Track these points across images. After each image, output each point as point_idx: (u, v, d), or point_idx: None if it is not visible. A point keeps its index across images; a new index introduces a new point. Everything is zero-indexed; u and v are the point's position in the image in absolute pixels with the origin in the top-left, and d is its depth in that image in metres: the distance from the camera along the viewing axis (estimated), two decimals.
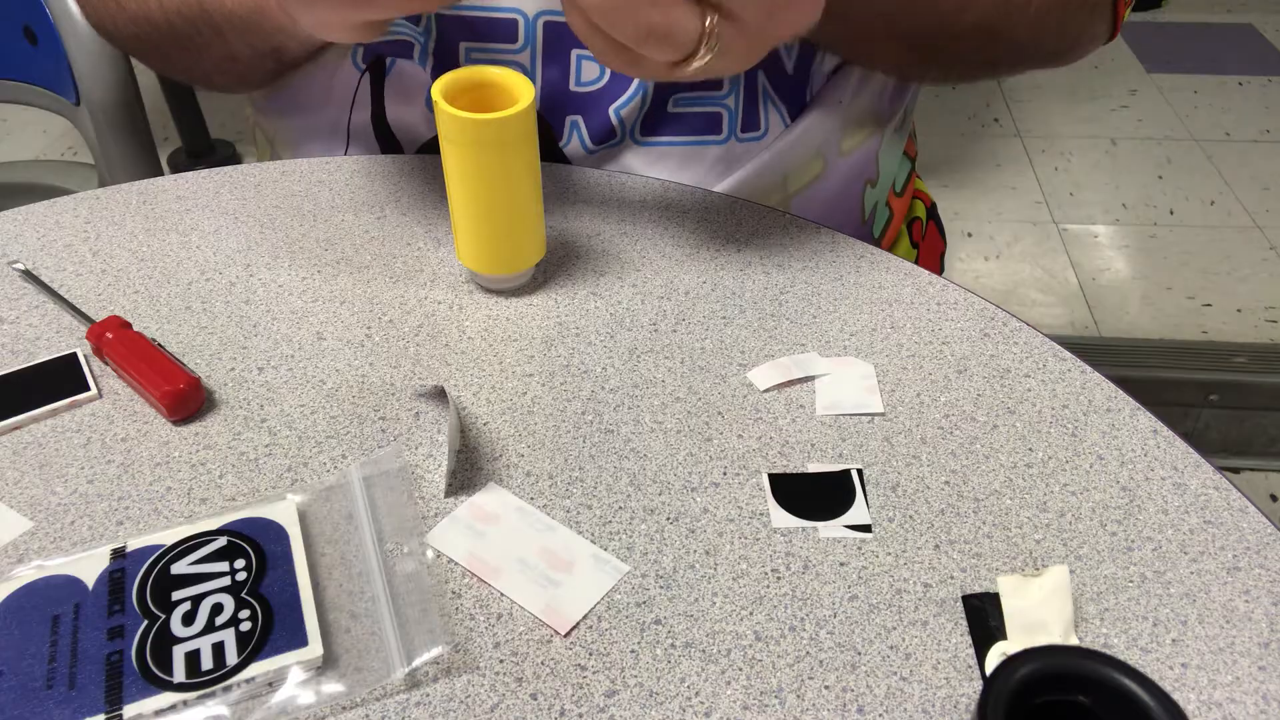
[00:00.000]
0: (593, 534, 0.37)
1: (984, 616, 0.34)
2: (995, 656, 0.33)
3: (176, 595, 0.34)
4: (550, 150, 0.58)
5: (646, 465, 0.40)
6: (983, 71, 0.58)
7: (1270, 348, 1.64)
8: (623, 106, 0.56)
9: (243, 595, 0.34)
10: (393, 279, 0.50)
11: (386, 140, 0.62)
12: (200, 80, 0.68)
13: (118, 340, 0.44)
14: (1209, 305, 1.76)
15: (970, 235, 1.94)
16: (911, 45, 0.55)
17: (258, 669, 0.32)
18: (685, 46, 0.39)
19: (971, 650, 0.33)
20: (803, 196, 0.62)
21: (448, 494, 0.39)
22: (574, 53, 0.56)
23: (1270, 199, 2.02)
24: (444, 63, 0.58)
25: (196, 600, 0.34)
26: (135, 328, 0.45)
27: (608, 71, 0.56)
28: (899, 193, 0.76)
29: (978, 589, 0.35)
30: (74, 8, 0.80)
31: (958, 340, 0.46)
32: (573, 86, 0.56)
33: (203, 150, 2.11)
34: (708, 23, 0.39)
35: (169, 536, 0.36)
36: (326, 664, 0.33)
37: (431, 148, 0.61)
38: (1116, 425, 0.42)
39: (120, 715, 0.31)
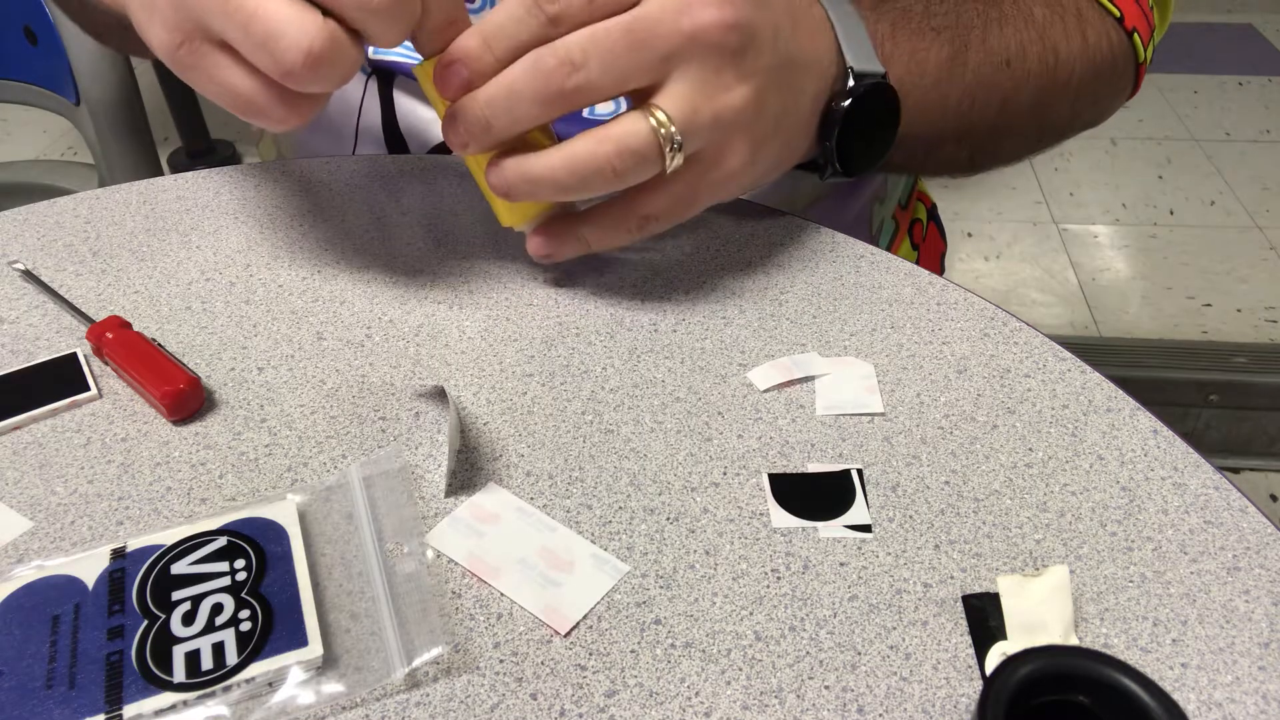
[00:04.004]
0: (593, 534, 0.37)
1: (984, 616, 0.34)
2: (995, 656, 0.33)
3: (176, 595, 0.34)
4: None
5: (646, 465, 0.40)
6: (1033, 150, 0.61)
7: (1270, 348, 1.64)
8: None
9: (243, 595, 0.34)
10: (393, 279, 0.50)
11: (395, 143, 0.62)
12: (118, 45, 0.69)
13: (118, 340, 0.44)
14: (1209, 305, 1.76)
15: (970, 235, 1.94)
16: (974, 142, 0.57)
17: (258, 669, 0.32)
18: (650, 152, 0.41)
19: (971, 650, 0.33)
20: (810, 213, 0.62)
21: (448, 494, 0.39)
22: None
23: (1270, 199, 2.02)
24: None
25: (196, 600, 0.34)
26: (135, 328, 0.45)
27: (624, 105, 0.56)
28: (904, 205, 0.76)
29: (978, 589, 0.35)
30: None
31: (958, 340, 0.46)
32: (586, 115, 0.56)
33: (203, 150, 2.12)
34: (652, 121, 0.41)
35: (169, 536, 0.36)
36: (326, 664, 0.33)
37: (440, 151, 0.61)
38: (1116, 425, 0.42)
39: (120, 715, 0.31)
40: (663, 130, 0.41)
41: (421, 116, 0.61)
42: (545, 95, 0.40)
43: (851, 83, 0.47)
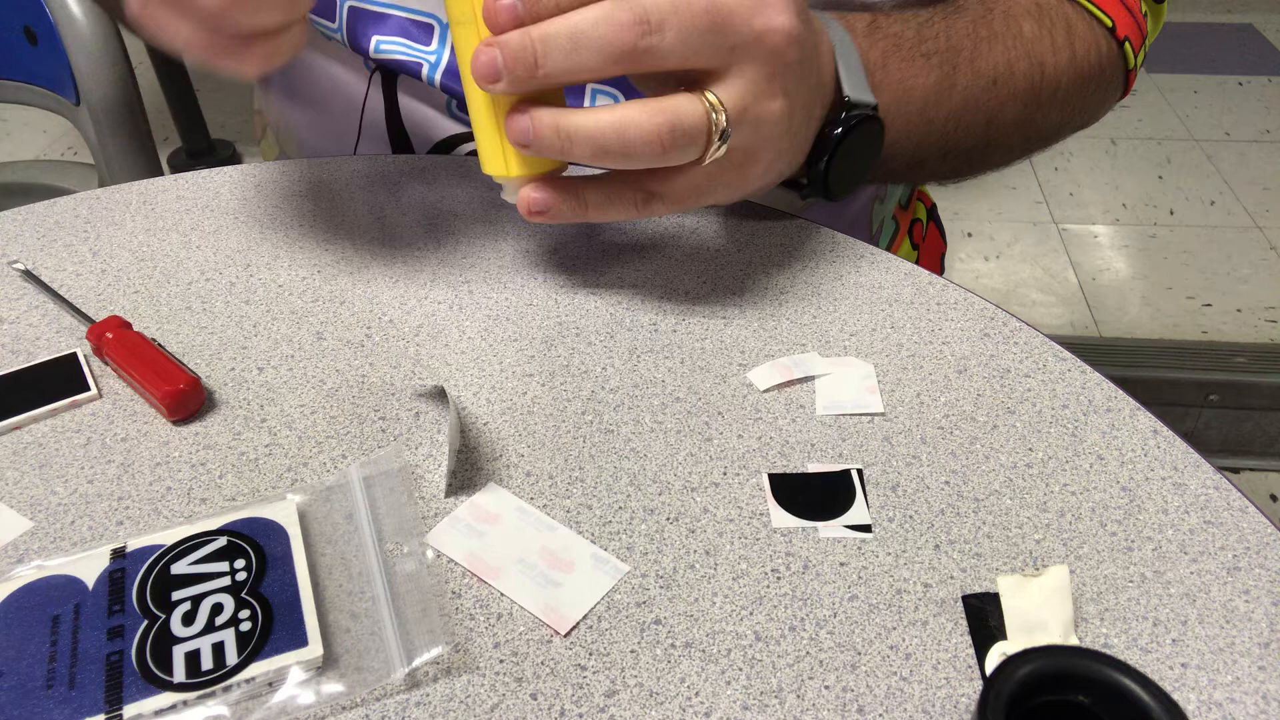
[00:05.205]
0: (593, 534, 0.37)
1: (984, 616, 0.34)
2: (995, 656, 0.33)
3: (176, 595, 0.34)
4: None
5: (646, 465, 0.40)
6: (1021, 157, 0.61)
7: (1270, 348, 1.64)
8: None
9: (243, 595, 0.34)
10: (393, 279, 0.50)
11: (398, 137, 0.62)
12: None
13: (118, 340, 0.44)
14: (1209, 305, 1.76)
15: (970, 235, 1.94)
16: (959, 157, 0.57)
17: (258, 669, 0.32)
18: (699, 135, 0.41)
19: (971, 650, 0.33)
20: (810, 212, 0.62)
21: (448, 494, 0.39)
22: (589, 87, 0.57)
23: (1270, 199, 2.02)
24: (458, 84, 0.58)
25: (196, 600, 0.34)
26: (135, 328, 0.45)
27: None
28: (904, 206, 0.76)
29: (978, 589, 0.35)
30: (74, 7, 0.80)
31: (958, 340, 0.46)
32: None
33: (203, 150, 2.12)
34: (707, 104, 0.40)
35: (169, 536, 0.36)
36: (326, 664, 0.33)
37: (443, 147, 0.61)
38: (1116, 425, 0.42)
39: (120, 715, 0.31)
40: (715, 116, 0.41)
41: (425, 114, 0.61)
42: (612, 49, 0.39)
43: (845, 113, 0.47)
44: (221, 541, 0.36)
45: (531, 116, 0.41)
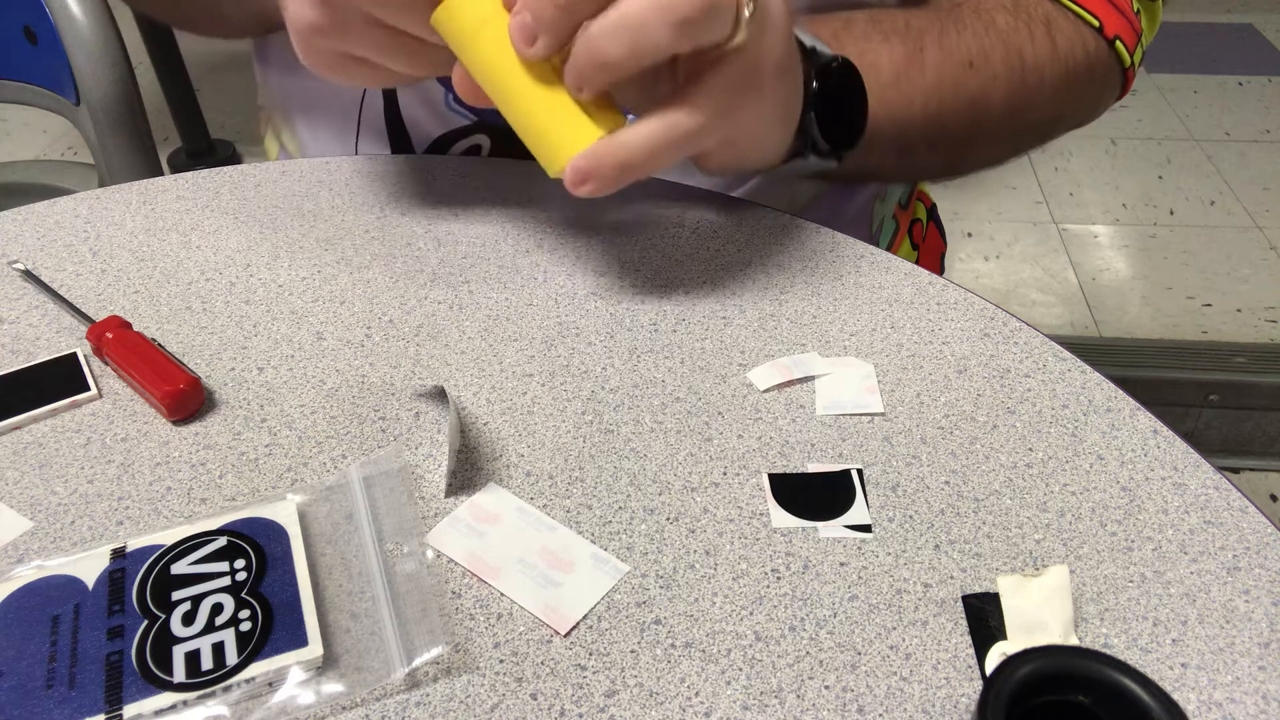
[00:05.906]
0: (593, 534, 0.37)
1: (984, 616, 0.34)
2: (995, 656, 0.33)
3: (176, 595, 0.34)
4: None
5: (646, 465, 0.40)
6: (1015, 153, 0.61)
7: (1270, 348, 1.63)
8: None
9: (243, 595, 0.34)
10: (393, 279, 0.50)
11: (397, 133, 0.62)
12: (181, 22, 0.68)
13: (118, 340, 0.44)
14: (1209, 305, 1.76)
15: (970, 235, 1.94)
16: (948, 148, 0.56)
17: (258, 669, 0.32)
18: (726, 13, 0.38)
19: (971, 650, 0.33)
20: (810, 211, 0.62)
21: (448, 494, 0.39)
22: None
23: (1270, 199, 2.02)
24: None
25: (196, 600, 0.34)
26: (135, 328, 0.45)
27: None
28: (904, 205, 0.76)
29: (978, 589, 0.35)
30: (74, 7, 0.80)
31: (958, 340, 0.46)
32: None
33: (203, 150, 2.12)
34: None
35: (169, 536, 0.36)
36: (326, 664, 0.33)
37: (441, 144, 0.61)
38: (1116, 425, 0.42)
39: (120, 715, 0.31)
40: None
41: (423, 110, 0.61)
42: None
43: (816, 65, 0.47)
44: (221, 541, 0.36)
45: (572, 56, 0.39)
